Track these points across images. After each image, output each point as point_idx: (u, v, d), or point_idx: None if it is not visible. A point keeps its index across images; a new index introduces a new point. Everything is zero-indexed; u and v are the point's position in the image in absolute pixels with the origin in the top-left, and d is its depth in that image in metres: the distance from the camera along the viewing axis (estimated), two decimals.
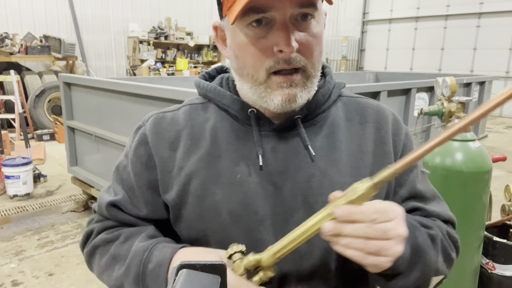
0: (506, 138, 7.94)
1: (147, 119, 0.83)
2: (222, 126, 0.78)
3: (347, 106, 0.83)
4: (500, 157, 2.11)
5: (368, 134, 0.80)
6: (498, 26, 10.66)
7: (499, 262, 1.59)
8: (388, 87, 4.12)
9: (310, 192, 0.73)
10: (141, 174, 0.79)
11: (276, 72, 0.68)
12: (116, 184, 0.84)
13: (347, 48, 13.53)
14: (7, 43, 7.17)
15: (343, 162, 0.76)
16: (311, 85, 0.72)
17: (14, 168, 4.08)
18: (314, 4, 0.66)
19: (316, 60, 0.71)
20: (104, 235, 0.81)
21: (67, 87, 3.79)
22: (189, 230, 0.78)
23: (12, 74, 5.51)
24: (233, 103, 0.77)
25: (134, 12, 9.52)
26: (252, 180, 0.74)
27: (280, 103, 0.69)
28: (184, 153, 0.77)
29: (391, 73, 7.54)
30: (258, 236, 0.73)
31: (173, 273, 0.52)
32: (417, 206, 0.81)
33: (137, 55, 9.46)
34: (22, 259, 3.01)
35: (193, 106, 0.83)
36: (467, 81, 5.59)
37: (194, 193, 0.75)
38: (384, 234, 0.58)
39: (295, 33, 0.66)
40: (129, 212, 0.81)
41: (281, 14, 0.65)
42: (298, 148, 0.75)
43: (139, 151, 0.80)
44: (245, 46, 0.68)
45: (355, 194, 0.57)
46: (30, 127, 6.82)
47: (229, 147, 0.76)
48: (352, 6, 13.87)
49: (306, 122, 0.77)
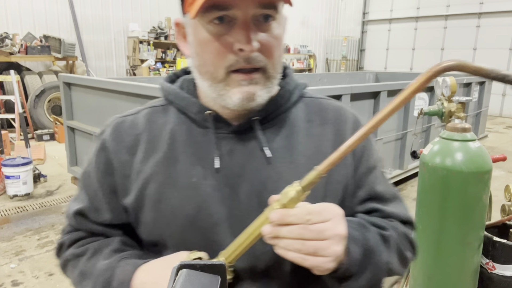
0: (506, 138, 7.94)
1: (109, 124, 0.84)
2: (181, 129, 0.78)
3: (308, 107, 0.83)
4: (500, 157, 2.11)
5: (328, 136, 0.80)
6: (498, 26, 10.66)
7: (499, 262, 1.59)
8: (388, 87, 4.13)
9: (266, 194, 0.72)
10: (103, 179, 0.80)
11: (235, 70, 0.68)
12: (81, 191, 0.85)
13: (347, 48, 13.53)
14: (7, 43, 7.17)
15: (300, 163, 0.76)
16: (271, 85, 0.72)
17: (14, 168, 4.08)
18: (275, 6, 0.67)
19: (276, 61, 0.71)
20: (73, 249, 0.83)
21: (67, 87, 3.79)
22: (148, 234, 0.79)
23: (12, 74, 5.51)
24: (191, 106, 0.78)
25: (134, 12, 9.52)
26: (208, 183, 0.74)
27: (239, 101, 0.69)
28: (143, 157, 0.78)
29: (391, 73, 7.54)
30: (216, 239, 0.74)
31: (173, 273, 0.52)
32: (375, 207, 0.81)
33: (137, 55, 9.46)
34: (22, 259, 3.01)
35: (154, 109, 0.83)
36: (467, 81, 5.60)
37: (151, 197, 0.76)
38: (319, 234, 0.59)
39: (257, 33, 0.66)
40: (95, 219, 0.82)
41: (243, 13, 0.65)
42: (255, 150, 0.75)
43: (100, 157, 0.81)
44: (205, 43, 0.68)
45: (286, 198, 0.59)
46: (30, 127, 6.82)
47: (186, 150, 0.76)
48: (352, 6, 13.87)
49: (265, 123, 0.77)
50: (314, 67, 13.13)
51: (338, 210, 0.63)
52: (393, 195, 0.85)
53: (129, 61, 9.64)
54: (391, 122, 4.23)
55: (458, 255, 1.50)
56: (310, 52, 13.07)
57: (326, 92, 3.45)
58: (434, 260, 1.54)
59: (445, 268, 1.53)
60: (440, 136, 1.57)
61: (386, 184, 0.85)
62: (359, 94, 3.74)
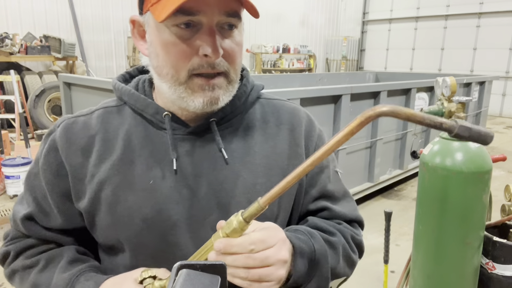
0: (506, 138, 7.93)
1: (59, 125, 0.81)
2: (137, 131, 0.77)
3: (264, 108, 0.85)
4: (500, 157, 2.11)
5: (283, 136, 0.82)
6: (498, 26, 10.65)
7: (499, 262, 1.59)
8: (388, 87, 4.12)
9: (224, 194, 0.75)
10: (53, 182, 0.77)
11: (197, 74, 0.69)
12: (28, 194, 0.81)
13: (347, 48, 13.52)
14: (7, 43, 7.17)
15: (257, 163, 0.78)
16: (232, 89, 0.74)
17: (14, 168, 4.08)
18: (239, 15, 0.69)
19: (238, 66, 0.73)
20: (22, 259, 0.80)
21: (67, 87, 3.79)
22: (104, 238, 0.78)
23: (12, 74, 5.51)
24: (148, 107, 0.77)
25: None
26: (166, 185, 0.74)
27: (201, 105, 0.70)
28: (97, 160, 0.76)
29: (391, 73, 7.54)
30: (174, 240, 0.74)
31: (173, 273, 0.52)
32: (326, 206, 0.84)
33: (137, 55, 9.45)
34: None
35: (108, 109, 0.82)
36: (467, 81, 5.59)
37: (106, 200, 0.74)
38: (263, 261, 0.61)
39: (222, 40, 0.68)
40: (45, 224, 0.79)
41: (209, 20, 0.66)
42: (213, 151, 0.76)
43: (49, 158, 0.77)
44: (169, 45, 0.68)
45: (229, 228, 0.60)
46: (30, 127, 6.82)
47: (143, 152, 0.76)
48: (352, 6, 13.86)
49: (222, 124, 0.78)
50: (314, 67, 13.13)
51: (281, 235, 0.65)
52: (343, 193, 0.88)
53: (129, 61, 9.64)
54: (391, 122, 4.23)
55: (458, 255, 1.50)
56: (310, 52, 13.07)
57: (326, 92, 3.45)
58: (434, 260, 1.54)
59: (445, 268, 1.53)
60: (440, 136, 1.57)
61: (337, 183, 0.88)
62: (359, 94, 3.74)
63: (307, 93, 3.20)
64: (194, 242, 0.73)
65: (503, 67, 10.64)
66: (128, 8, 9.41)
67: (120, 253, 0.77)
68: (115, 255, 0.78)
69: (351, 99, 3.61)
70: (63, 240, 0.81)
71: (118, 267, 0.78)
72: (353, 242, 0.84)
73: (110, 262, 0.80)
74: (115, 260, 0.79)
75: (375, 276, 2.82)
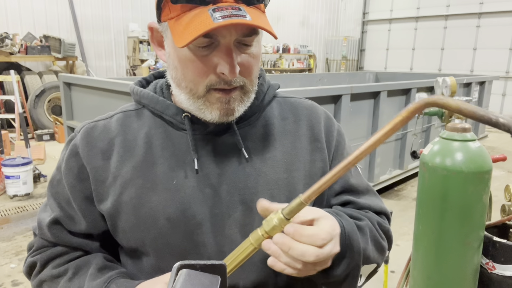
0: (506, 138, 7.93)
1: (79, 130, 0.82)
2: (157, 133, 0.78)
3: (281, 106, 0.87)
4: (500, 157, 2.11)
5: (302, 131, 0.83)
6: (498, 26, 10.65)
7: (499, 262, 1.59)
8: (388, 87, 4.13)
9: (246, 192, 0.75)
10: (75, 186, 0.78)
11: (215, 88, 0.70)
12: (51, 200, 0.82)
13: (347, 48, 13.52)
14: (7, 43, 7.17)
15: (277, 159, 0.79)
16: (247, 100, 0.75)
17: (14, 168, 4.08)
18: (257, 32, 0.69)
19: (254, 77, 0.74)
20: (50, 269, 0.79)
21: (67, 87, 3.79)
22: (127, 240, 0.77)
23: (12, 74, 5.51)
24: (167, 108, 0.78)
25: (134, 12, 9.51)
26: (189, 185, 0.75)
27: (217, 116, 0.72)
28: (118, 162, 0.76)
29: (391, 73, 7.54)
30: (199, 239, 0.74)
31: (173, 273, 0.52)
32: (349, 199, 0.84)
33: (137, 55, 9.45)
34: (22, 259, 3.01)
35: (127, 113, 0.83)
36: (467, 81, 5.60)
37: (129, 202, 0.75)
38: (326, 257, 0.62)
39: (239, 55, 0.69)
40: (71, 228, 0.79)
41: (226, 40, 0.67)
42: (233, 149, 0.77)
43: (71, 163, 0.78)
44: (187, 61, 0.69)
45: (269, 225, 0.60)
46: (30, 127, 6.82)
47: (164, 153, 0.77)
48: (352, 6, 13.86)
49: (241, 123, 0.79)
50: (314, 67, 13.13)
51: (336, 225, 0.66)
52: (366, 187, 0.88)
53: (129, 61, 9.64)
54: None
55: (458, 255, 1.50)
56: (310, 52, 13.07)
57: (326, 92, 3.45)
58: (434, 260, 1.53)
59: (445, 268, 1.53)
60: (440, 136, 1.57)
61: (358, 178, 0.88)
62: (359, 94, 3.74)
63: (307, 93, 3.20)
64: (218, 240, 0.73)
65: (503, 67, 10.64)
66: (128, 8, 9.41)
67: (144, 256, 0.77)
68: (139, 258, 0.78)
69: (351, 99, 3.61)
70: (89, 246, 0.81)
71: (142, 270, 0.77)
72: (381, 230, 0.83)
73: (134, 265, 0.80)
74: (139, 263, 0.78)
75: (375, 276, 2.82)
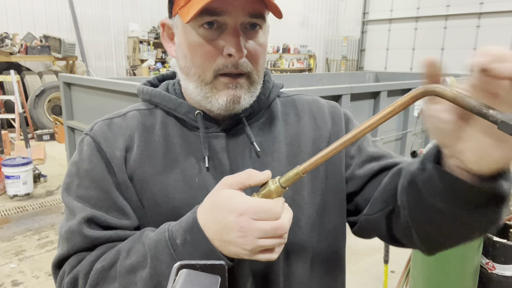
0: None
1: (91, 128, 0.80)
2: (173, 131, 0.79)
3: (284, 103, 0.89)
4: None
5: (304, 122, 0.86)
6: (498, 26, 10.65)
7: (499, 262, 1.59)
8: (388, 87, 4.13)
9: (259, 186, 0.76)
10: (104, 179, 0.74)
11: (222, 74, 0.71)
12: (76, 203, 0.75)
13: (347, 48, 13.53)
14: (7, 43, 7.18)
15: (282, 151, 0.81)
16: (254, 90, 0.76)
17: (14, 168, 4.08)
18: (263, 16, 0.71)
19: (260, 68, 0.75)
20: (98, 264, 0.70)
21: (67, 87, 3.80)
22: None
23: (12, 74, 5.51)
24: (180, 106, 0.78)
25: (134, 12, 9.52)
26: (209, 182, 0.75)
27: (224, 104, 0.72)
28: (139, 158, 0.76)
29: (391, 73, 7.54)
30: None
31: (173, 273, 0.53)
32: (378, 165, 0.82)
33: (137, 55, 9.46)
34: (22, 259, 3.01)
35: (140, 111, 0.82)
36: None
37: (151, 199, 0.74)
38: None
39: (246, 40, 0.70)
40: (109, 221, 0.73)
41: (233, 20, 0.68)
42: (244, 145, 0.79)
43: (94, 159, 0.75)
44: (195, 46, 0.71)
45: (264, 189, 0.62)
46: (30, 127, 6.82)
47: (183, 150, 0.77)
48: (352, 6, 13.87)
49: (250, 119, 0.81)
50: (314, 67, 13.13)
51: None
52: (388, 153, 0.88)
53: (129, 61, 9.64)
54: (391, 122, 4.23)
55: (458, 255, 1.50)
56: (310, 52, 13.08)
57: (326, 92, 3.45)
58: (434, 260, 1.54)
59: (445, 268, 1.53)
60: None
61: (376, 147, 0.89)
62: (359, 94, 3.74)
63: (307, 93, 3.18)
64: None
65: None
66: (128, 8, 9.41)
67: None
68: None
69: (351, 99, 3.61)
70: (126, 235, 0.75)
71: None
72: None
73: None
74: None
75: (375, 276, 2.82)
